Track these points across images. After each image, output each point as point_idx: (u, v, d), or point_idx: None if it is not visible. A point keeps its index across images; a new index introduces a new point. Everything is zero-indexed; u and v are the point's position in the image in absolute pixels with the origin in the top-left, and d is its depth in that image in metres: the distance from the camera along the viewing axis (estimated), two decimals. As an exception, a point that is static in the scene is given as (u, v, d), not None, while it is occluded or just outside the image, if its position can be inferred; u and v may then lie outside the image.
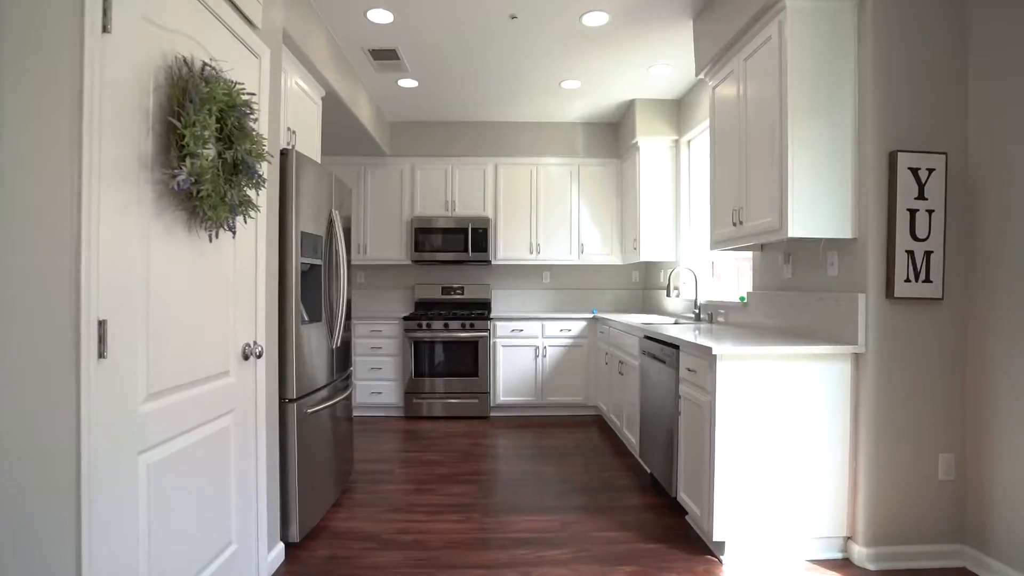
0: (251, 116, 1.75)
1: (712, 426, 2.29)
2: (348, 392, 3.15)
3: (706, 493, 2.34)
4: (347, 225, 3.17)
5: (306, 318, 2.62)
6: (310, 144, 3.23)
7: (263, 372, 2.11)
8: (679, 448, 2.68)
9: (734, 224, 2.75)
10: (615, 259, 5.25)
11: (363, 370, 4.86)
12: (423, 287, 5.42)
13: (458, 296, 5.40)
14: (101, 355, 1.27)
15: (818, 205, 2.28)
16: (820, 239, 2.45)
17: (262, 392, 2.10)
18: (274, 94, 2.24)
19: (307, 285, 2.65)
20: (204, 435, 1.73)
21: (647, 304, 5.42)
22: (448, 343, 4.84)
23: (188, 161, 1.47)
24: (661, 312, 4.90)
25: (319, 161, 3.32)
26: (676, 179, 4.69)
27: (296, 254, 2.40)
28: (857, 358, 2.29)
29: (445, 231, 5.10)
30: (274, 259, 2.27)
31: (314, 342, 2.63)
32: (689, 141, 4.58)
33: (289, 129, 2.90)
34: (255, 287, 2.06)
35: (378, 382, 4.86)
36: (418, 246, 5.10)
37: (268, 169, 2.16)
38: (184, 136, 1.46)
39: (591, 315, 4.88)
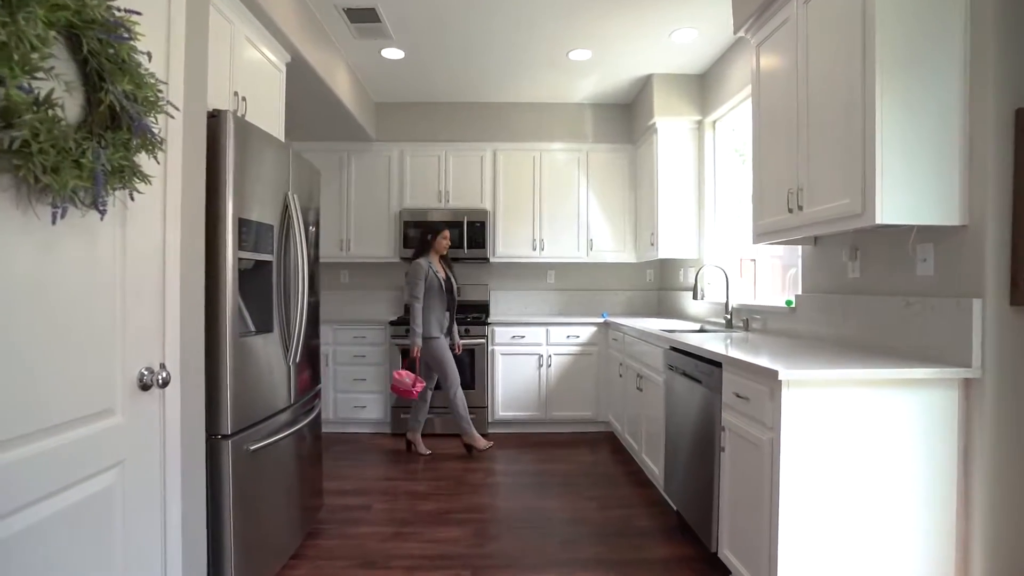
0: (131, 44, 1.21)
1: (775, 472, 1.74)
2: (314, 415, 2.61)
3: (765, 558, 1.79)
4: (313, 215, 2.62)
5: (251, 328, 2.08)
6: (269, 117, 2.68)
7: (175, 405, 1.56)
8: (721, 492, 2.13)
9: (790, 210, 2.20)
10: (628, 256, 4.70)
11: (345, 381, 4.31)
12: (414, 287, 4.86)
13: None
14: None
15: (914, 183, 1.73)
16: (912, 228, 1.90)
17: (174, 431, 1.56)
18: (196, 36, 1.69)
19: (252, 287, 2.10)
20: (64, 505, 1.19)
21: (663, 307, 4.87)
22: (440, 351, 4.28)
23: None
24: (682, 316, 4.35)
25: (283, 139, 2.79)
26: (699, 165, 4.14)
27: (231, 247, 1.85)
28: (968, 384, 1.74)
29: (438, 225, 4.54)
30: (197, 253, 1.72)
31: (263, 359, 2.08)
32: (714, 122, 4.03)
33: (238, 95, 2.36)
34: (162, 291, 1.51)
35: (362, 395, 4.32)
36: (408, 242, 4.56)
37: (189, 134, 1.62)
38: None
39: (601, 319, 4.33)
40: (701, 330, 3.58)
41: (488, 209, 4.62)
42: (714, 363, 2.23)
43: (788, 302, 2.79)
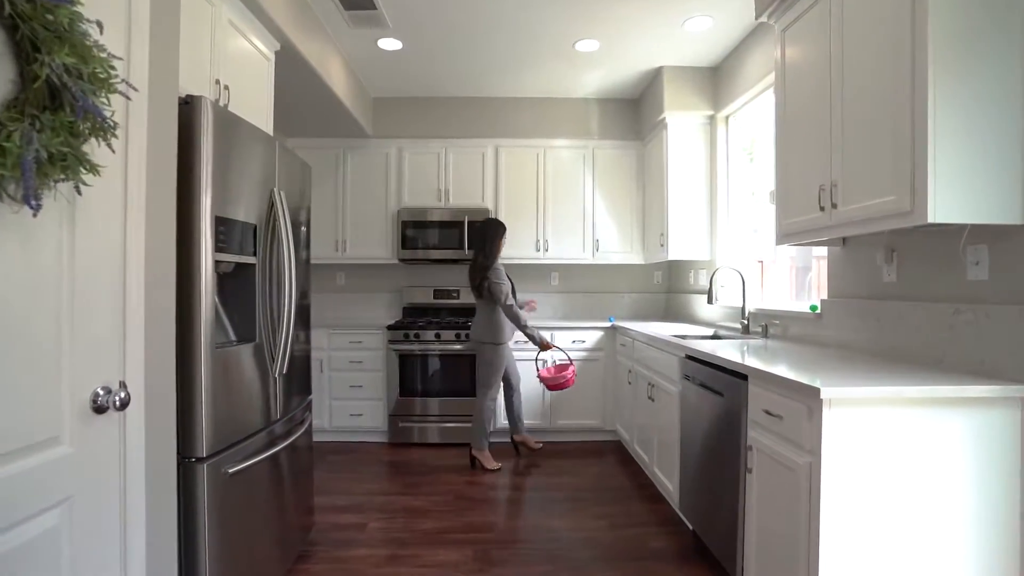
0: (73, 10, 1.02)
1: (814, 501, 1.55)
2: (305, 427, 2.43)
3: (801, 597, 1.60)
4: (304, 214, 2.44)
5: (232, 337, 1.90)
6: (256, 109, 2.50)
7: (138, 428, 1.38)
8: (747, 517, 1.95)
9: (821, 209, 2.01)
10: (635, 258, 4.51)
11: (341, 388, 4.12)
12: (412, 290, 4.68)
13: (453, 301, 4.67)
14: None
15: (970, 178, 1.54)
16: (962, 228, 1.72)
17: (136, 458, 1.37)
18: (166, 11, 1.51)
19: (233, 292, 1.92)
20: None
21: (671, 310, 4.68)
22: (440, 356, 4.11)
23: None
24: (692, 320, 4.16)
25: (271, 133, 2.60)
26: (711, 163, 3.95)
27: (207, 248, 1.66)
28: (1032, 403, 1.55)
29: (438, 225, 4.37)
30: (166, 256, 1.53)
31: (244, 371, 1.90)
32: (727, 117, 3.84)
33: (220, 83, 2.17)
34: (122, 299, 1.33)
35: (358, 402, 4.13)
36: (406, 243, 4.37)
37: (156, 120, 1.43)
38: None
39: (608, 324, 4.14)
40: (715, 336, 3.40)
41: (489, 209, 4.43)
42: (738, 375, 2.04)
43: (813, 307, 2.60)
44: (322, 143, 4.45)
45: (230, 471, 1.76)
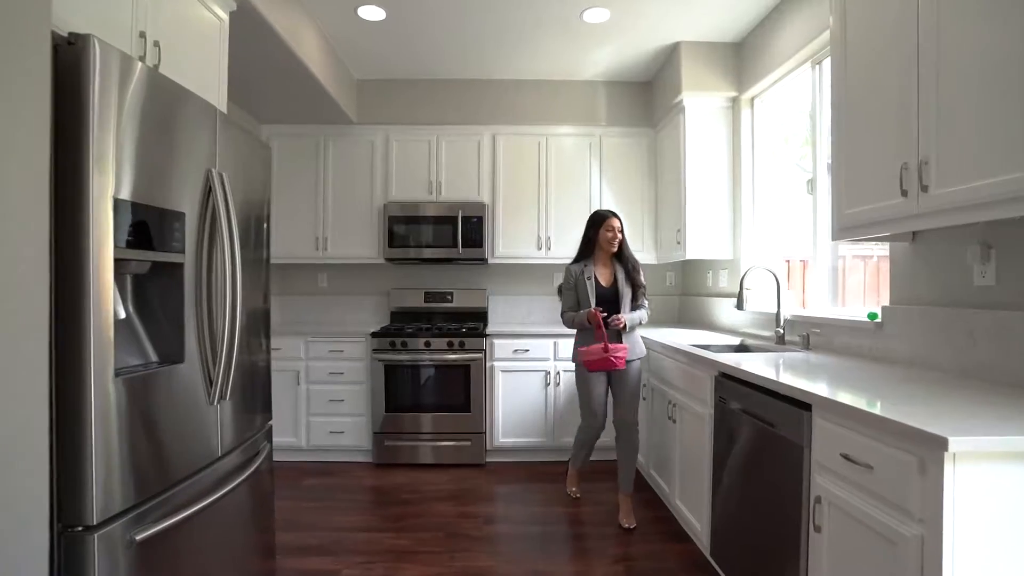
0: None
1: (927, 589, 1.13)
2: (263, 458, 2.00)
3: None
4: (261, 205, 2.01)
5: (152, 359, 1.47)
6: (203, 79, 2.07)
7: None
8: (813, 586, 1.52)
9: (904, 193, 1.59)
10: (647, 257, 4.08)
11: (319, 402, 3.69)
12: (401, 292, 4.25)
13: (446, 305, 4.24)
14: None
15: None
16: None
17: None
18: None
19: (152, 300, 1.49)
20: None
21: (686, 315, 4.25)
22: (431, 367, 3.68)
23: None
24: (712, 326, 3.73)
25: (223, 110, 2.18)
26: (733, 150, 3.53)
27: (97, 241, 1.23)
28: None
29: (429, 221, 3.94)
30: (32, 251, 1.11)
31: (168, 401, 1.47)
32: (752, 98, 3.42)
33: (146, 38, 1.74)
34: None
35: (339, 418, 3.70)
36: (394, 240, 3.94)
37: (11, 66, 1.01)
38: None
39: (619, 330, 3.71)
40: (742, 346, 2.99)
41: (486, 203, 4.01)
42: (795, 402, 1.62)
43: (871, 315, 2.18)
44: (300, 130, 4.02)
45: (139, 537, 1.33)
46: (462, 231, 3.91)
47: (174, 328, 1.52)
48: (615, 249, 2.84)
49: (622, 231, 2.86)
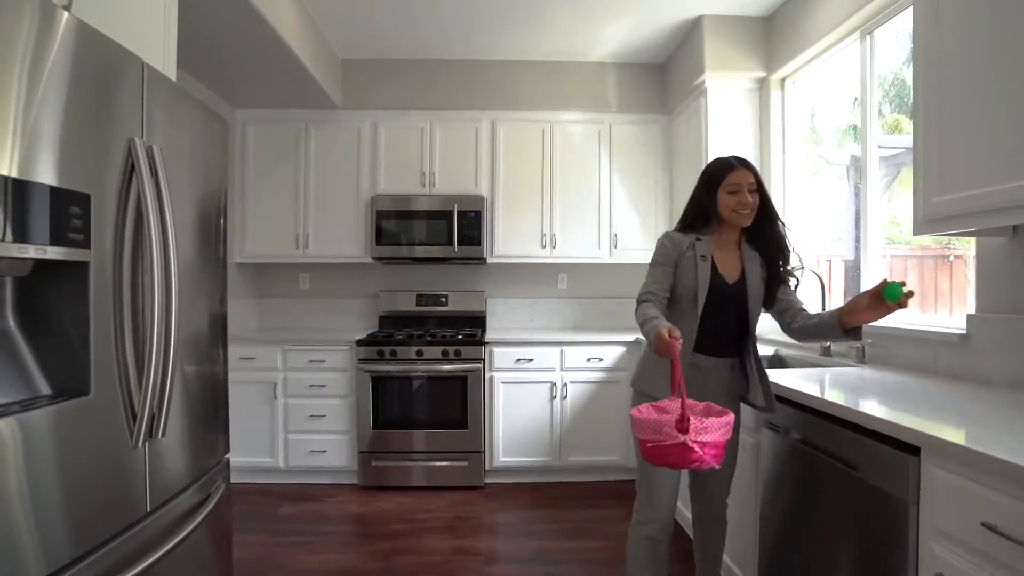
0: None
1: None
2: (215, 502, 1.62)
3: None
4: (213, 194, 1.63)
5: (42, 392, 1.09)
6: (143, 40, 1.68)
7: None
8: None
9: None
10: (662, 256, 3.71)
11: (298, 419, 3.30)
12: (391, 295, 3.87)
13: (440, 309, 3.86)
14: None
15: None
16: None
17: None
18: None
19: (42, 310, 1.11)
20: None
21: (703, 319, 3.89)
22: (423, 379, 3.31)
23: None
24: (734, 333, 3.37)
25: (173, 78, 1.80)
26: (761, 137, 3.17)
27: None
28: None
29: (422, 216, 3.57)
30: None
31: (62, 450, 1.08)
32: (783, 79, 3.07)
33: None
34: None
35: (320, 436, 3.31)
36: (382, 237, 3.56)
37: None
38: None
39: (632, 338, 3.36)
40: (776, 357, 2.63)
41: (484, 196, 3.63)
42: (889, 440, 1.25)
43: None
44: (279, 115, 3.63)
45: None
46: (458, 227, 3.54)
47: (76, 350, 1.14)
48: (747, 222, 1.72)
49: (760, 189, 1.72)
